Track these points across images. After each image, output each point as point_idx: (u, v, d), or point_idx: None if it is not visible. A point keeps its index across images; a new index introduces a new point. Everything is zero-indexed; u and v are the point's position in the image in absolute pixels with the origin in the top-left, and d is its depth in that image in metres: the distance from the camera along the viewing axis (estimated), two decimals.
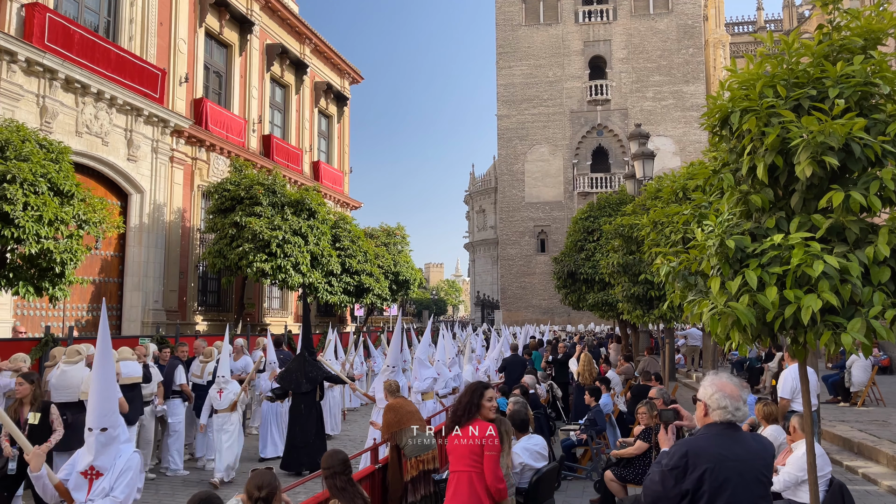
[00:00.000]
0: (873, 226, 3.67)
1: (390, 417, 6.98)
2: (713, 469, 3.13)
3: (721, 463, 3.15)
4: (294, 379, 10.03)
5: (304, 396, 9.94)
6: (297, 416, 9.89)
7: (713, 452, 3.19)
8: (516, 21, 48.60)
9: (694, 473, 3.15)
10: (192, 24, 21.55)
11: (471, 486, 4.43)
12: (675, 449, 3.32)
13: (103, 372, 4.27)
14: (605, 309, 18.37)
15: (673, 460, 3.24)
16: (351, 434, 13.43)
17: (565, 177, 47.49)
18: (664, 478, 3.24)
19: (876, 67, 3.82)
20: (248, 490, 3.86)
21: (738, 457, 3.19)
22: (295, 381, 10.00)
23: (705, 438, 3.29)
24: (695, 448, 3.23)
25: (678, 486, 3.18)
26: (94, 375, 4.32)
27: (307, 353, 10.27)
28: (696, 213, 4.66)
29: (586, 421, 9.60)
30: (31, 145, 10.64)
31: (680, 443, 3.39)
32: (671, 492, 3.20)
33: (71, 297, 14.40)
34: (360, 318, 30.98)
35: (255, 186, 18.86)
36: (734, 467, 3.15)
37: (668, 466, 3.26)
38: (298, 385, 9.96)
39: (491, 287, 56.07)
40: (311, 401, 10.00)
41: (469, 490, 4.42)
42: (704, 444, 3.25)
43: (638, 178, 16.43)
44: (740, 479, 3.14)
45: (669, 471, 3.22)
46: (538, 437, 6.27)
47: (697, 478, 3.15)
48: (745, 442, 3.28)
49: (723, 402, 3.30)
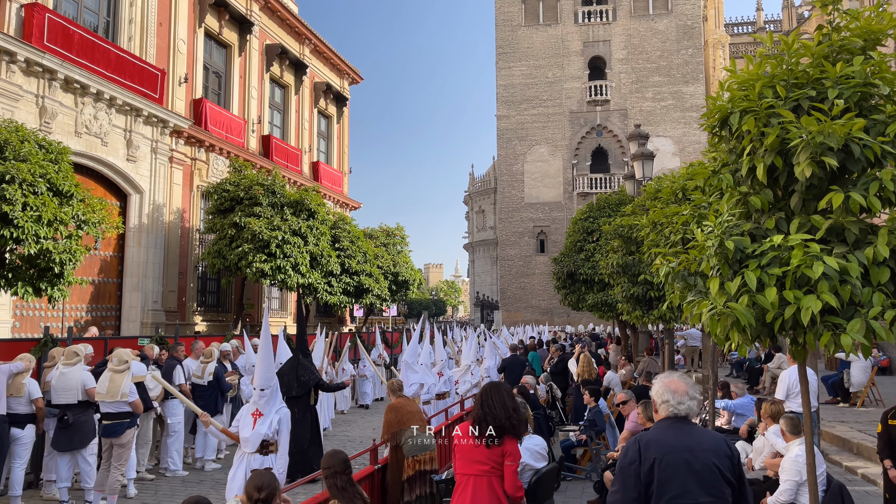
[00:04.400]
0: (873, 226, 3.67)
1: (391, 417, 7.03)
2: (661, 459, 3.21)
3: (669, 453, 3.22)
4: (285, 382, 9.41)
5: (295, 401, 9.45)
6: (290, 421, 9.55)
7: (661, 443, 3.27)
8: (516, 21, 48.58)
9: (645, 465, 3.23)
10: (191, 24, 21.55)
11: (491, 489, 4.40)
12: (626, 446, 3.41)
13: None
14: (605, 309, 18.36)
15: (628, 455, 3.32)
16: (351, 434, 13.43)
17: (565, 177, 47.48)
18: (624, 477, 3.29)
19: (875, 68, 3.82)
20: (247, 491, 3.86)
21: (687, 447, 3.24)
22: (286, 385, 9.40)
23: (654, 431, 3.41)
24: (645, 440, 3.34)
25: (638, 480, 3.23)
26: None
27: (301, 355, 9.90)
28: (695, 213, 4.66)
29: (585, 421, 9.60)
30: (30, 145, 10.63)
31: (631, 440, 3.45)
32: (631, 492, 3.23)
33: (70, 298, 14.39)
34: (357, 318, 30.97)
35: (255, 187, 18.86)
36: (682, 457, 3.20)
37: (623, 464, 3.33)
38: (289, 388, 9.47)
39: (490, 287, 56.06)
40: (304, 405, 9.58)
41: (490, 494, 4.39)
42: (653, 436, 3.36)
43: (637, 178, 16.43)
44: (689, 469, 3.18)
45: (628, 466, 3.29)
46: (538, 438, 6.28)
47: (648, 469, 3.22)
48: (695, 434, 3.34)
49: (665, 397, 3.41)
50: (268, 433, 5.76)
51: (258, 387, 5.93)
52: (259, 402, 5.92)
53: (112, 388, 7.93)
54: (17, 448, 7.80)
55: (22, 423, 7.86)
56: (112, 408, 7.96)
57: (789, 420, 6.02)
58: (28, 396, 7.85)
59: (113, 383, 7.96)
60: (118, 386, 7.95)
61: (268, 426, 5.78)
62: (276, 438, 5.82)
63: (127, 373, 8.07)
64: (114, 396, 7.91)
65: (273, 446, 5.79)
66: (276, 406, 5.95)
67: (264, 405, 5.88)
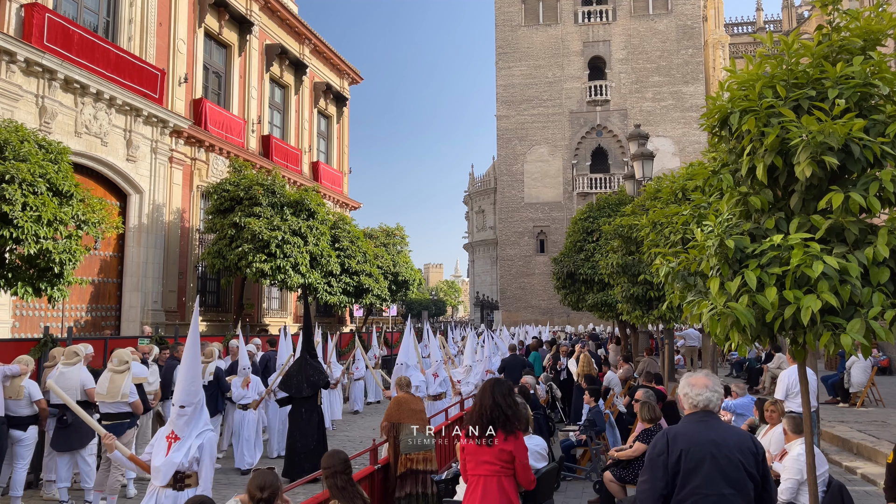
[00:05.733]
0: (872, 226, 3.67)
1: (392, 408, 7.23)
2: (688, 450, 3.39)
3: (695, 444, 3.40)
4: (295, 384, 9.65)
5: (304, 401, 9.57)
6: (298, 421, 9.52)
7: (688, 435, 3.45)
8: (516, 21, 48.58)
9: (673, 456, 3.41)
10: (191, 24, 21.54)
11: (501, 488, 4.40)
12: (655, 438, 3.58)
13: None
14: (605, 309, 18.37)
15: (657, 447, 3.50)
16: (351, 434, 13.43)
17: (564, 177, 47.48)
18: (653, 468, 3.46)
19: (875, 68, 3.82)
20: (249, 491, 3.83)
21: (712, 441, 3.40)
22: (296, 386, 9.62)
23: (681, 425, 3.61)
24: (673, 432, 3.53)
25: (666, 471, 3.40)
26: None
27: (308, 355, 9.90)
28: (695, 213, 4.66)
29: (585, 421, 9.60)
30: (29, 145, 10.63)
31: (660, 433, 3.63)
32: (660, 482, 3.40)
33: (70, 298, 14.38)
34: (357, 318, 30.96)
35: (255, 187, 18.85)
36: (707, 449, 3.37)
37: (652, 455, 3.51)
38: (300, 390, 9.59)
39: (490, 287, 56.05)
40: (312, 405, 9.67)
41: (500, 493, 4.39)
42: (681, 429, 3.55)
43: (637, 178, 16.44)
44: (713, 461, 3.34)
45: (657, 457, 3.46)
46: (538, 438, 6.29)
47: (676, 460, 3.39)
48: (720, 429, 3.50)
49: (685, 390, 3.62)
50: (183, 462, 4.64)
51: (177, 403, 4.75)
52: (177, 422, 4.75)
53: (112, 389, 7.93)
54: (19, 449, 7.82)
55: (24, 425, 7.86)
56: (112, 408, 7.96)
57: (791, 419, 6.02)
58: (29, 398, 7.86)
59: (113, 384, 7.96)
60: (118, 386, 7.94)
61: (184, 454, 4.64)
62: (194, 469, 4.70)
63: (127, 373, 8.07)
64: (114, 397, 7.91)
65: (191, 479, 4.68)
66: (199, 428, 4.79)
67: (183, 426, 4.73)
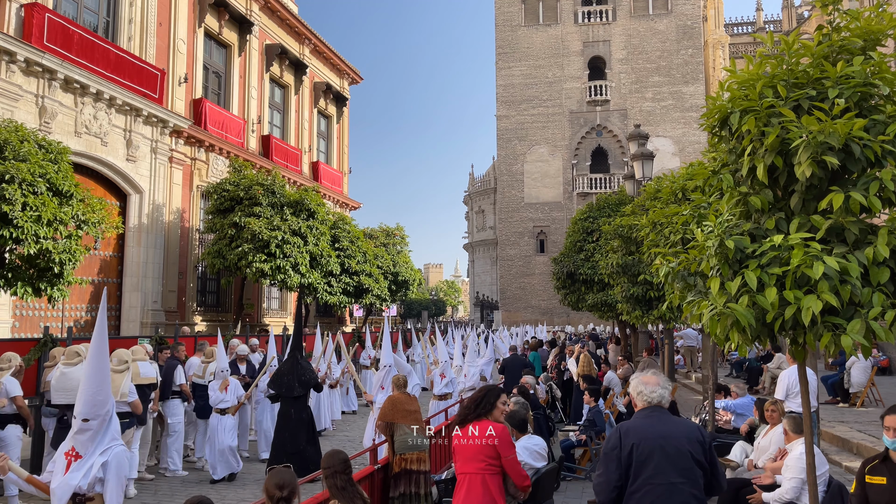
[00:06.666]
0: (873, 227, 3.67)
1: (386, 406, 7.22)
2: (639, 444, 3.59)
3: (645, 438, 3.60)
4: (286, 382, 9.51)
5: (294, 401, 9.42)
6: (287, 421, 9.36)
7: (639, 430, 3.66)
8: (516, 21, 48.58)
9: (625, 450, 3.61)
10: (191, 24, 21.54)
11: (484, 486, 4.43)
12: (609, 434, 3.84)
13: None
14: (605, 309, 18.35)
15: (610, 442, 3.71)
16: (350, 434, 13.43)
17: (564, 177, 47.48)
18: (607, 462, 3.66)
19: (875, 68, 3.81)
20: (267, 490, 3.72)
21: (661, 434, 3.61)
22: (287, 385, 9.48)
23: (633, 420, 3.81)
24: (625, 428, 3.73)
25: (619, 464, 3.60)
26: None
27: (298, 355, 9.80)
28: (695, 213, 4.66)
29: (585, 421, 9.60)
30: (29, 145, 10.63)
31: (613, 429, 3.82)
32: (614, 475, 3.60)
33: (70, 298, 14.38)
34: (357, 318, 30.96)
35: (255, 187, 18.86)
36: (657, 442, 3.58)
37: (606, 449, 3.71)
38: (290, 389, 9.44)
39: (490, 288, 56.07)
40: (302, 405, 9.52)
41: (483, 490, 4.42)
42: (632, 424, 3.75)
43: (637, 178, 16.43)
44: (662, 453, 3.55)
45: (610, 451, 3.67)
46: (538, 438, 6.28)
47: (628, 453, 3.60)
48: (669, 422, 3.72)
49: (639, 388, 3.83)
50: (81, 485, 4.00)
51: (80, 415, 4.10)
52: (79, 438, 4.11)
53: (112, 389, 7.91)
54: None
55: (1, 423, 7.78)
56: None
57: (792, 419, 6.02)
58: (6, 395, 7.74)
59: (112, 384, 7.95)
60: (118, 386, 7.93)
61: (83, 474, 4.02)
62: (97, 491, 4.05)
63: (126, 373, 8.06)
64: (113, 397, 7.89)
65: (94, 503, 4.05)
66: (104, 444, 4.15)
67: (86, 443, 4.10)
